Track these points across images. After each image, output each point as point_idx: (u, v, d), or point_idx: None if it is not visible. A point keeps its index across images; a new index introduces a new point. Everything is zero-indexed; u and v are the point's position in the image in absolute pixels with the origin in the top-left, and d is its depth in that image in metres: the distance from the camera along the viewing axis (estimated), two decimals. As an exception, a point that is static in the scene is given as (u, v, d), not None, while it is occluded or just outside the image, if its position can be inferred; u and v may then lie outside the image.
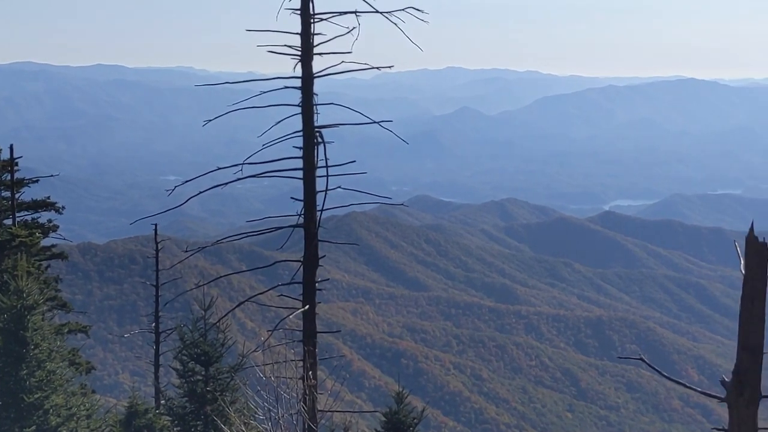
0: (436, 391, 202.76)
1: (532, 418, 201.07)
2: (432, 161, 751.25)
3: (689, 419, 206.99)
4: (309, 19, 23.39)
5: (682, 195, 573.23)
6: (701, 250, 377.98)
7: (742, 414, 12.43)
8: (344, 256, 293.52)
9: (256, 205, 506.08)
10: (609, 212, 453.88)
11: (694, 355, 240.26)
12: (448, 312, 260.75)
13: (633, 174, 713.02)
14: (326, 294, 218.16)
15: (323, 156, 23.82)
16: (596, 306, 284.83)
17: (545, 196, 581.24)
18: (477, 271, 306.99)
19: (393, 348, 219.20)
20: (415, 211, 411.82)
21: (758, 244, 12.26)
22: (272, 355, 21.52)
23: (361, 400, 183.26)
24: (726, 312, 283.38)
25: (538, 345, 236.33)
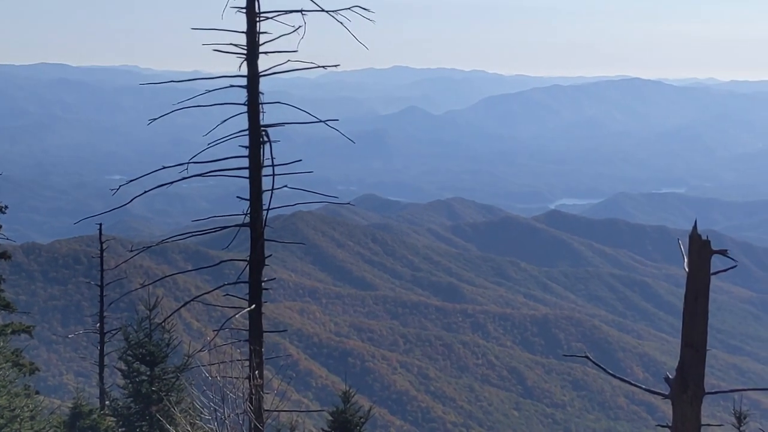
0: (383, 390, 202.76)
1: (478, 416, 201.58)
2: (378, 161, 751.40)
3: (634, 416, 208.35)
4: (254, 17, 23.32)
5: (626, 194, 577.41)
6: (646, 249, 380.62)
7: (686, 410, 12.54)
8: (291, 255, 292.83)
9: (202, 205, 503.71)
10: (555, 211, 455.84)
11: (639, 352, 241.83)
12: (395, 311, 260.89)
13: (578, 173, 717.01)
14: (273, 293, 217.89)
15: (269, 155, 23.75)
16: (542, 304, 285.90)
17: (491, 196, 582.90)
18: (424, 270, 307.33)
19: (340, 347, 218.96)
20: (361, 210, 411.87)
21: (701, 242, 12.38)
22: (218, 355, 21.43)
23: (307, 399, 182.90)
24: (670, 309, 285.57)
25: (485, 343, 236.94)
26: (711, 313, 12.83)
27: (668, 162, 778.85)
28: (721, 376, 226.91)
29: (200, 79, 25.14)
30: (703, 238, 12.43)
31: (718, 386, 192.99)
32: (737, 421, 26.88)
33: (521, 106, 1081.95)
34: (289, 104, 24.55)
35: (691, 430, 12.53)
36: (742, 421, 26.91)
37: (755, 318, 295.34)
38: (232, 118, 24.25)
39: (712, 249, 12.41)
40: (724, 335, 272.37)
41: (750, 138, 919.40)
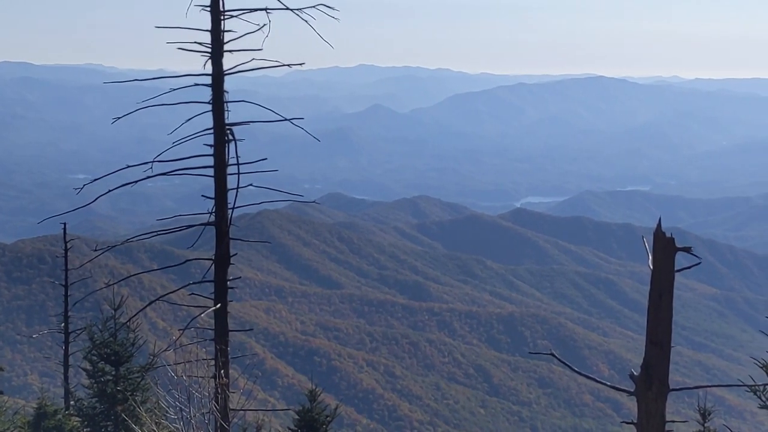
0: (350, 389, 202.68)
1: (445, 414, 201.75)
2: (344, 159, 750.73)
3: (600, 413, 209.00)
4: (219, 15, 23.27)
5: (592, 192, 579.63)
6: (611, 246, 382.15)
7: (651, 407, 12.59)
8: (256, 254, 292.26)
9: (167, 204, 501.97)
10: (520, 209, 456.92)
11: (604, 350, 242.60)
12: (361, 309, 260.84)
13: (544, 171, 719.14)
14: (239, 292, 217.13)
15: (234, 154, 23.70)
16: (508, 302, 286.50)
17: (457, 194, 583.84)
18: (390, 269, 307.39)
19: (306, 346, 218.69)
20: (327, 208, 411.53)
21: (665, 240, 12.42)
22: (184, 354, 21.38)
23: (274, 398, 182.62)
24: (635, 307, 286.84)
25: (451, 342, 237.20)
26: (676, 310, 12.88)
27: (633, 160, 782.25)
28: (686, 372, 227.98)
29: (165, 77, 25.06)
30: (668, 236, 12.48)
31: (683, 383, 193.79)
32: (702, 417, 27.03)
33: (487, 104, 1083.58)
34: (254, 103, 24.50)
35: (655, 426, 12.58)
36: (707, 418, 27.06)
37: (719, 315, 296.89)
38: (197, 117, 24.20)
39: (677, 246, 12.46)
40: (689, 332, 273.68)
41: (714, 135, 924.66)
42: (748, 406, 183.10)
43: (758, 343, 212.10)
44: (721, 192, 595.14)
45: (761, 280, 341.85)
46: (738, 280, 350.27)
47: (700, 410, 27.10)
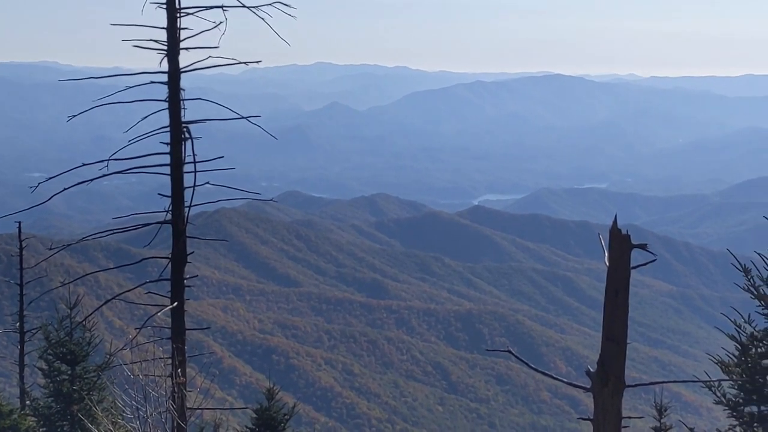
0: (308, 387, 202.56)
1: (403, 412, 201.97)
2: (302, 157, 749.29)
3: (558, 410, 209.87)
4: (175, 13, 23.17)
5: (549, 189, 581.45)
6: (568, 244, 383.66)
7: (607, 403, 12.64)
8: (214, 252, 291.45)
9: (123, 202, 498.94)
10: (478, 207, 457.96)
11: (562, 346, 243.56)
12: (319, 308, 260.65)
13: (501, 169, 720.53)
14: (196, 291, 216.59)
15: (191, 152, 23.62)
16: (466, 300, 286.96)
17: (415, 191, 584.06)
18: (348, 267, 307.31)
19: (264, 344, 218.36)
20: (285, 206, 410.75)
21: (621, 237, 12.47)
22: (140, 353, 21.30)
23: (232, 397, 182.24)
24: (592, 304, 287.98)
25: (409, 339, 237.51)
26: (632, 306, 12.94)
27: (590, 157, 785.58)
28: (643, 369, 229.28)
29: (121, 75, 24.95)
30: (623, 233, 12.53)
31: (639, 379, 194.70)
32: (658, 413, 27.17)
33: (444, 102, 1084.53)
34: (211, 100, 24.47)
35: (611, 422, 12.63)
36: (663, 413, 27.20)
37: (676, 311, 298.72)
38: (154, 115, 24.10)
39: (632, 243, 12.51)
40: (645, 329, 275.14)
41: (670, 133, 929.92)
42: (704, 401, 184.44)
43: (714, 340, 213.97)
44: (678, 189, 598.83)
45: (717, 277, 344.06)
46: (694, 277, 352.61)
47: (656, 406, 27.25)
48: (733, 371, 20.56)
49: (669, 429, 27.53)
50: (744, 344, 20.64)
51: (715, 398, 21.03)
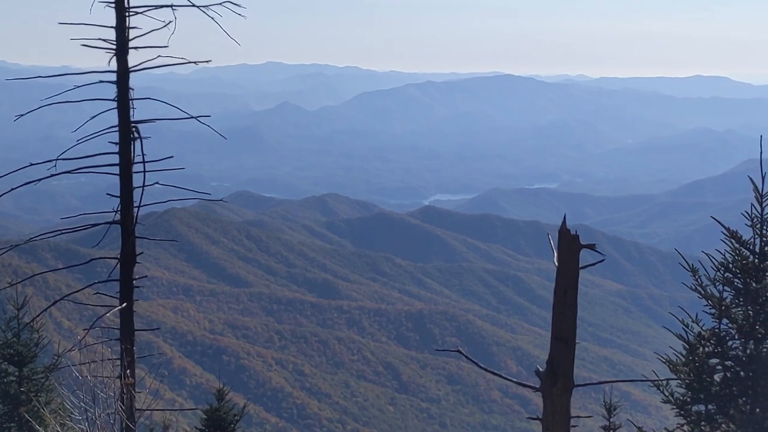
0: (259, 388, 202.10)
1: (354, 412, 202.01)
2: (252, 157, 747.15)
3: (508, 409, 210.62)
4: (124, 12, 23.05)
5: (500, 189, 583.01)
6: (519, 244, 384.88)
7: (556, 402, 12.71)
8: (164, 252, 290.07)
9: (72, 202, 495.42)
10: (429, 207, 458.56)
11: (512, 346, 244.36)
12: (270, 308, 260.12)
13: (452, 169, 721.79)
14: (146, 291, 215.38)
15: (140, 151, 23.52)
16: (417, 300, 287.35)
17: (366, 191, 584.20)
18: (298, 267, 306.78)
19: (214, 345, 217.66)
20: (235, 206, 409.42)
21: (570, 237, 12.54)
22: (89, 354, 21.16)
23: (182, 397, 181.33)
24: (543, 304, 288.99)
25: (360, 339, 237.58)
26: (583, 306, 13.00)
27: (540, 158, 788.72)
28: (593, 368, 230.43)
29: (69, 74, 24.79)
30: (572, 233, 12.59)
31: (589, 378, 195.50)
32: (607, 412, 27.31)
33: (395, 102, 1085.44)
34: (160, 100, 24.36)
35: (560, 421, 12.69)
36: (612, 413, 27.35)
37: (625, 311, 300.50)
38: (102, 114, 23.97)
39: (581, 243, 12.58)
40: (595, 328, 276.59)
41: (619, 134, 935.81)
42: (653, 400, 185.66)
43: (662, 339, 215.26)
44: (627, 189, 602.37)
45: (666, 277, 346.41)
46: (643, 277, 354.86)
47: (605, 405, 27.39)
48: (681, 370, 20.72)
49: (618, 428, 27.68)
50: (691, 343, 20.81)
51: (664, 397, 21.17)
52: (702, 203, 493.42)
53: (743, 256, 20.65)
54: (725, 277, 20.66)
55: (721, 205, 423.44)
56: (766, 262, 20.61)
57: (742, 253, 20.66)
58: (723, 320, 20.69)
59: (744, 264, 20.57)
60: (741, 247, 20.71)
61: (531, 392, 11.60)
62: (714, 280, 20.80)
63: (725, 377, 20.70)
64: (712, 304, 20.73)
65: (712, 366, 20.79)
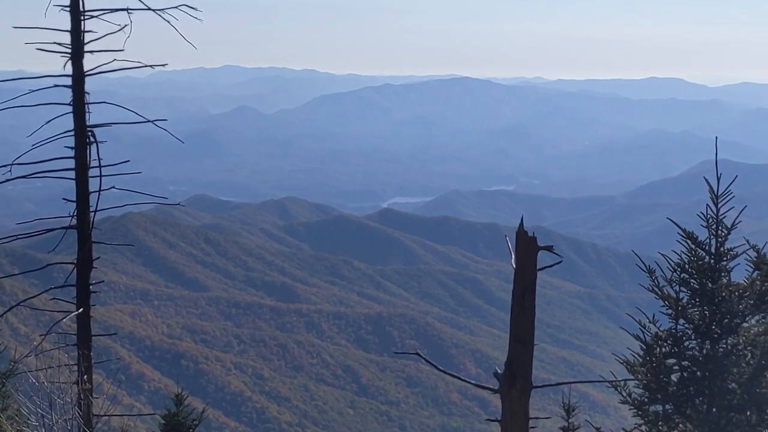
0: (218, 392, 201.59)
1: (314, 415, 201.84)
2: (210, 160, 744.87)
3: (468, 411, 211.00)
4: (79, 16, 22.91)
5: (458, 192, 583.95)
6: (477, 246, 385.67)
7: (515, 404, 12.74)
8: (121, 257, 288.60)
9: (28, 207, 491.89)
10: (387, 209, 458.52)
11: (471, 348, 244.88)
12: (229, 312, 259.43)
13: (410, 171, 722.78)
14: (103, 296, 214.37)
15: (96, 156, 23.39)
16: (376, 302, 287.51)
17: (324, 194, 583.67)
18: (257, 270, 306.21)
19: (173, 349, 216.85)
20: (193, 210, 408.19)
21: (527, 239, 12.58)
22: (46, 360, 21.01)
23: (140, 403, 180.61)
24: (502, 305, 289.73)
25: (319, 343, 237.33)
26: (541, 308, 13.05)
27: (498, 160, 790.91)
28: (552, 369, 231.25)
29: (24, 78, 24.64)
30: (530, 235, 12.64)
31: (548, 380, 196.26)
32: (566, 413, 27.42)
33: (353, 105, 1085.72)
34: (117, 104, 24.24)
35: (519, 423, 12.73)
36: (571, 413, 27.46)
37: (583, 312, 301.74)
38: (58, 118, 23.81)
39: (539, 245, 12.62)
40: (554, 329, 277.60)
41: (576, 135, 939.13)
42: (612, 401, 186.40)
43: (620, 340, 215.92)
44: (585, 191, 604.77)
45: (623, 278, 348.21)
46: (601, 278, 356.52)
47: (564, 406, 27.51)
48: (638, 371, 20.83)
49: (577, 429, 27.81)
50: (649, 344, 20.92)
51: (621, 398, 21.28)
52: (659, 204, 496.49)
53: (699, 256, 20.79)
54: (681, 277, 20.79)
55: (677, 206, 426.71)
56: (721, 262, 20.76)
57: (698, 254, 20.80)
58: (680, 320, 20.83)
59: (700, 265, 20.71)
60: (697, 248, 20.85)
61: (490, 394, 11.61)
62: (671, 281, 20.92)
63: (682, 377, 20.83)
64: (669, 305, 20.85)
65: (669, 366, 20.91)
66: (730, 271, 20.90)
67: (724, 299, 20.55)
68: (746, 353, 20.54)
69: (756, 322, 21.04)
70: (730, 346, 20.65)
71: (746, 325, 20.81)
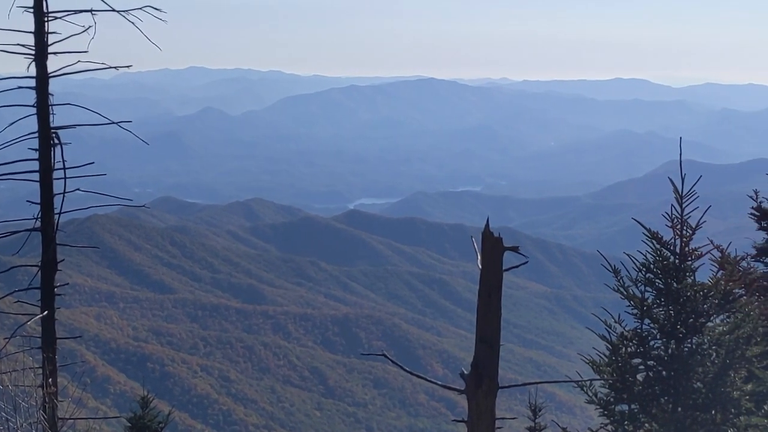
0: (184, 394, 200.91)
1: (280, 417, 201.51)
2: (175, 162, 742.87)
3: (435, 412, 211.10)
4: (42, 17, 22.81)
5: (424, 193, 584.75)
6: (443, 247, 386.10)
7: (481, 405, 12.76)
8: (86, 259, 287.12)
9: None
10: (354, 211, 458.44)
11: (438, 349, 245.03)
12: (195, 314, 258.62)
13: (377, 172, 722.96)
14: (68, 299, 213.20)
15: (60, 158, 23.28)
16: (343, 304, 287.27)
17: (291, 196, 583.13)
18: (223, 272, 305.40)
19: (138, 352, 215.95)
20: (159, 212, 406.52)
21: (493, 239, 12.60)
22: (10, 363, 20.93)
23: (106, 406, 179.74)
24: (468, 306, 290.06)
25: (286, 344, 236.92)
26: (507, 308, 13.07)
27: (464, 161, 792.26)
28: (518, 370, 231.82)
29: (-13, 80, 24.47)
30: (496, 235, 12.65)
31: (515, 380, 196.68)
32: (532, 413, 27.49)
33: (319, 106, 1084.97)
34: (81, 105, 24.14)
35: (486, 423, 12.75)
36: (537, 414, 27.53)
37: (550, 312, 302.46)
38: (22, 120, 23.69)
39: (504, 245, 12.64)
40: (521, 330, 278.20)
41: (542, 136, 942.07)
42: (578, 401, 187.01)
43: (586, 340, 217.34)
44: (550, 192, 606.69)
45: (589, 278, 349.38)
46: (567, 278, 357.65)
47: (531, 406, 27.59)
48: (604, 371, 20.88)
49: (543, 429, 27.88)
50: (614, 344, 20.99)
51: (588, 398, 21.33)
52: (624, 204, 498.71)
53: (664, 256, 20.87)
54: (647, 277, 20.86)
55: (642, 206, 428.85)
56: (686, 262, 20.85)
57: (663, 254, 20.88)
58: (645, 320, 20.89)
59: (665, 264, 20.79)
60: (662, 248, 20.92)
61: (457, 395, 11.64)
62: (636, 281, 20.99)
63: (647, 377, 20.90)
64: (635, 305, 20.92)
65: (634, 366, 20.98)
66: (694, 270, 20.98)
67: (688, 299, 20.64)
68: (711, 352, 20.64)
69: (720, 322, 21.14)
70: (695, 346, 20.74)
71: (711, 325, 20.91)
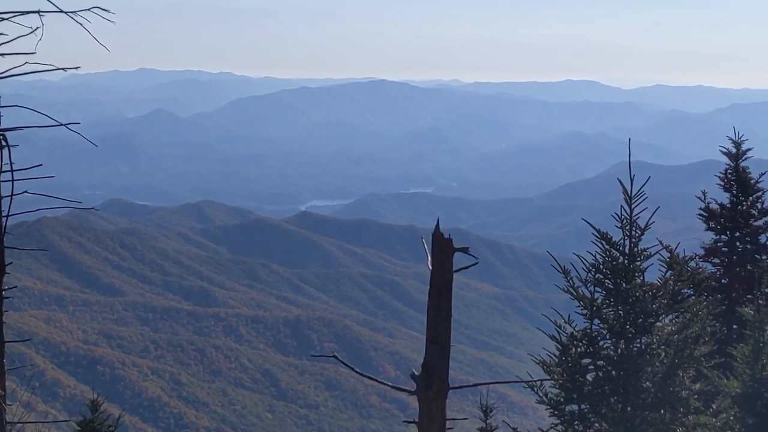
0: (135, 398, 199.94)
1: (232, 420, 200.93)
2: (125, 164, 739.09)
3: (387, 414, 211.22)
4: (-11, 18, 22.57)
5: (376, 194, 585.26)
6: (395, 248, 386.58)
7: (431, 406, 12.77)
8: (35, 262, 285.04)
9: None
10: (305, 213, 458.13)
11: (390, 350, 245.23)
12: (146, 317, 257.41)
13: (328, 174, 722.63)
14: (17, 302, 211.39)
15: (8, 160, 23.05)
16: (294, 306, 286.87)
17: (242, 198, 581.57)
18: (174, 275, 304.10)
19: (89, 355, 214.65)
20: (109, 215, 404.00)
21: (443, 240, 12.61)
22: (-42, 368, 20.68)
23: (55, 410, 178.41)
24: (420, 308, 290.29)
25: (238, 347, 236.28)
26: (459, 309, 13.09)
27: (416, 162, 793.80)
28: (470, 371, 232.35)
29: (-67, 82, 24.17)
30: (446, 236, 12.66)
31: (466, 381, 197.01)
32: (484, 414, 27.55)
33: (270, 108, 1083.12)
34: (29, 107, 23.89)
35: (436, 424, 12.75)
36: (489, 414, 27.60)
37: (501, 313, 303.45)
38: (-31, 123, 23.45)
39: (454, 247, 12.65)
40: (472, 331, 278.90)
41: (493, 138, 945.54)
42: (529, 401, 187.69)
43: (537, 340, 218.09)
44: (502, 193, 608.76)
45: (540, 279, 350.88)
46: (518, 279, 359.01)
47: (482, 407, 27.65)
48: (554, 371, 20.95)
49: (495, 429, 27.96)
50: (564, 344, 21.05)
51: (538, 398, 21.38)
52: (575, 206, 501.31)
53: (613, 257, 20.95)
54: (596, 278, 20.94)
55: (593, 207, 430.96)
56: (635, 262, 20.95)
57: (613, 254, 20.96)
58: (594, 320, 20.96)
59: (614, 265, 20.87)
60: (611, 249, 21.00)
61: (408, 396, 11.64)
62: (586, 281, 21.05)
63: (597, 377, 20.98)
64: (584, 305, 20.99)
65: (584, 366, 21.06)
66: (643, 271, 21.07)
67: (638, 299, 20.74)
68: (660, 352, 20.75)
69: (669, 322, 21.26)
70: (644, 346, 20.85)
71: (660, 325, 21.02)
